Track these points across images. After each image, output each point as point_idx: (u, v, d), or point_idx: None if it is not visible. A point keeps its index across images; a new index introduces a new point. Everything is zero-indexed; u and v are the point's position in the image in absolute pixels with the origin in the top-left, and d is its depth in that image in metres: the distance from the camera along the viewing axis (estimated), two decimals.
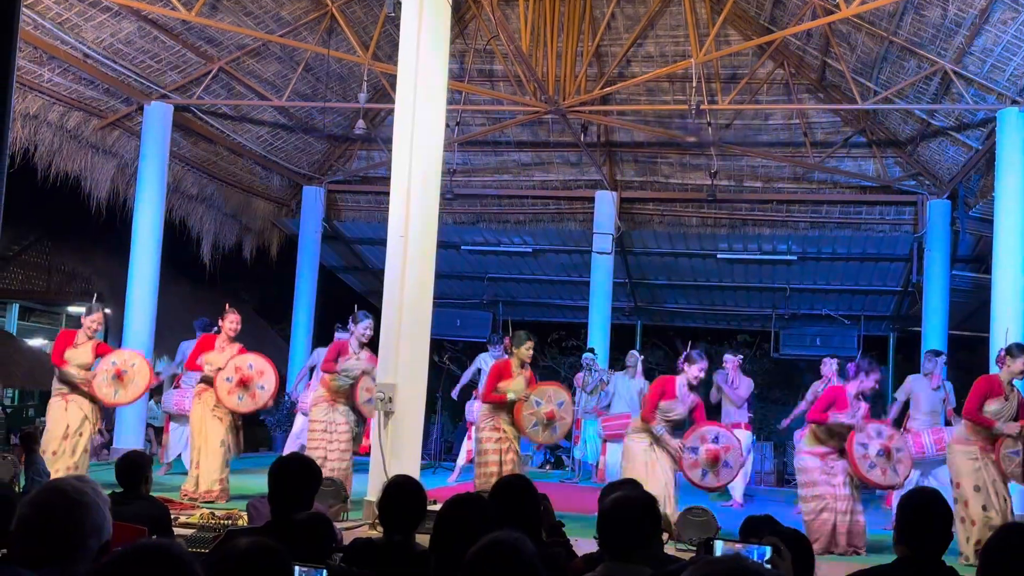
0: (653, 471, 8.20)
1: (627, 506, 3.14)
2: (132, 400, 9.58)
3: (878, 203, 14.82)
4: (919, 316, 14.06)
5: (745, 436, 11.32)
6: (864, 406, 8.08)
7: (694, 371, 8.37)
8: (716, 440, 8.31)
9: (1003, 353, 7.91)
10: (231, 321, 9.38)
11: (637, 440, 8.42)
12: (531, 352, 8.96)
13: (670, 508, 7.86)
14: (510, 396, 8.70)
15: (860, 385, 8.06)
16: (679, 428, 8.57)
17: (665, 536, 5.56)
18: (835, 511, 7.92)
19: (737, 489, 11.16)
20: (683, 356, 8.57)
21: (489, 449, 8.82)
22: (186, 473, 9.51)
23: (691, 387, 8.44)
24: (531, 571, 2.25)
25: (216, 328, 9.64)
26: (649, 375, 12.02)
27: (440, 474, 12.50)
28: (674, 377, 8.50)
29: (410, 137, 7.67)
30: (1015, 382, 7.90)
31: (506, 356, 9.54)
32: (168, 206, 12.84)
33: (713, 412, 13.34)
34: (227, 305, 9.73)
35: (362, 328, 8.96)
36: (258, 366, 9.28)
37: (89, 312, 9.08)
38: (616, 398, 12.13)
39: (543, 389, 9.01)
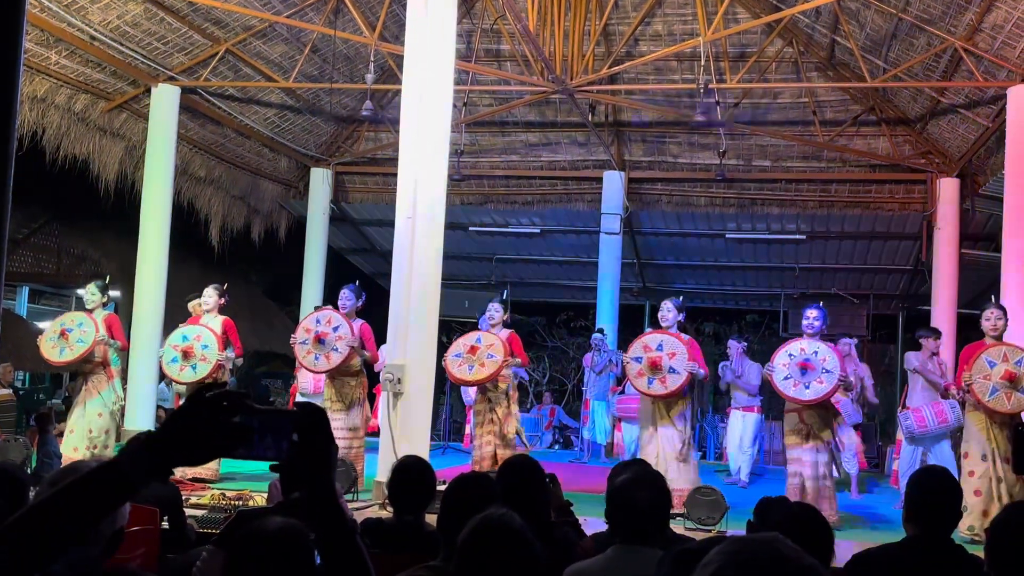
0: (655, 435, 8.29)
1: (636, 488, 3.14)
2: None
3: (887, 181, 14.76)
4: (928, 295, 14.01)
5: (754, 419, 11.34)
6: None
7: (669, 318, 8.47)
8: (659, 348, 8.33)
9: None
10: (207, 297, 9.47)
11: (644, 404, 8.51)
12: None
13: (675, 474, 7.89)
14: None
15: None
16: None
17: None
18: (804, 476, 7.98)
19: (743, 469, 11.21)
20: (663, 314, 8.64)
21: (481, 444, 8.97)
22: None
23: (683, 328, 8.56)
24: (525, 544, 2.26)
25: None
26: None
27: (449, 455, 12.54)
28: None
29: (417, 118, 7.66)
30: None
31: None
32: (176, 188, 12.84)
33: (723, 397, 13.35)
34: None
35: (340, 302, 9.07)
36: (193, 333, 9.29)
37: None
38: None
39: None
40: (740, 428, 11.26)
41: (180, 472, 8.96)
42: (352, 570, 1.56)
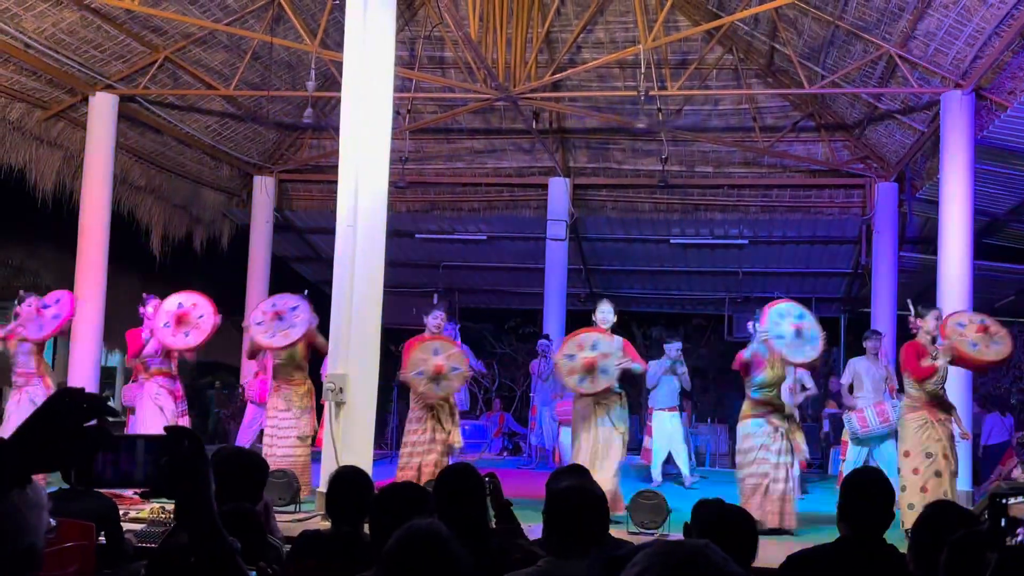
0: (593, 431, 8.27)
1: (571, 500, 3.11)
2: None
3: (827, 186, 15.00)
4: (868, 297, 14.25)
5: (678, 419, 11.43)
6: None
7: (610, 320, 8.49)
8: (594, 347, 8.28)
9: (913, 318, 8.15)
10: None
11: (580, 404, 8.50)
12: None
13: (605, 474, 7.87)
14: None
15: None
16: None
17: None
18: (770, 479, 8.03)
19: (684, 469, 11.32)
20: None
21: (412, 452, 8.72)
22: None
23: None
24: (450, 554, 2.25)
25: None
26: None
27: (396, 464, 12.45)
28: None
29: (357, 125, 7.62)
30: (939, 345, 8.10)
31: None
32: (115, 198, 12.66)
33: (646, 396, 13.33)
34: None
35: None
36: (188, 300, 9.36)
37: None
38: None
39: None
40: (670, 427, 11.31)
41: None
42: None
